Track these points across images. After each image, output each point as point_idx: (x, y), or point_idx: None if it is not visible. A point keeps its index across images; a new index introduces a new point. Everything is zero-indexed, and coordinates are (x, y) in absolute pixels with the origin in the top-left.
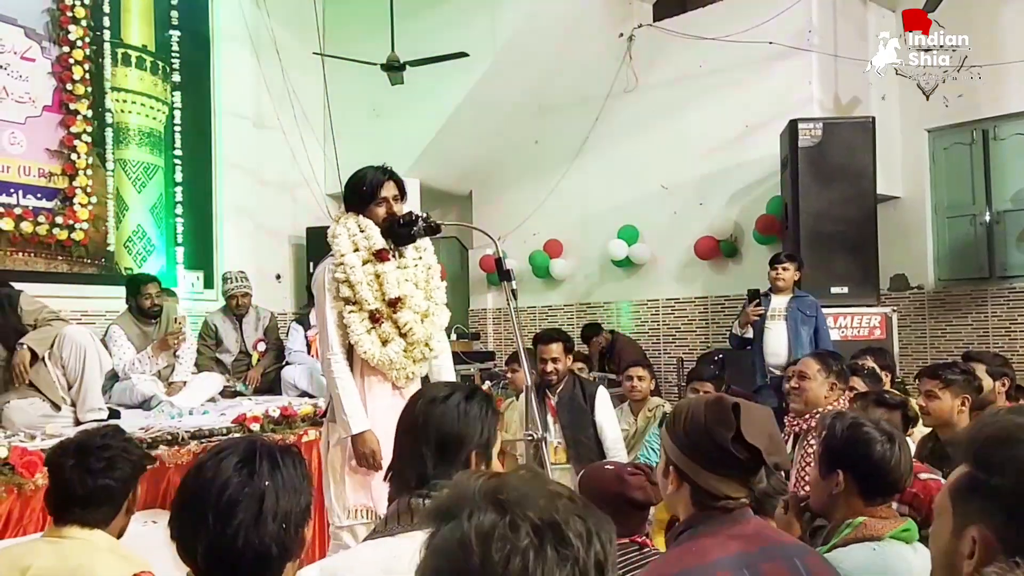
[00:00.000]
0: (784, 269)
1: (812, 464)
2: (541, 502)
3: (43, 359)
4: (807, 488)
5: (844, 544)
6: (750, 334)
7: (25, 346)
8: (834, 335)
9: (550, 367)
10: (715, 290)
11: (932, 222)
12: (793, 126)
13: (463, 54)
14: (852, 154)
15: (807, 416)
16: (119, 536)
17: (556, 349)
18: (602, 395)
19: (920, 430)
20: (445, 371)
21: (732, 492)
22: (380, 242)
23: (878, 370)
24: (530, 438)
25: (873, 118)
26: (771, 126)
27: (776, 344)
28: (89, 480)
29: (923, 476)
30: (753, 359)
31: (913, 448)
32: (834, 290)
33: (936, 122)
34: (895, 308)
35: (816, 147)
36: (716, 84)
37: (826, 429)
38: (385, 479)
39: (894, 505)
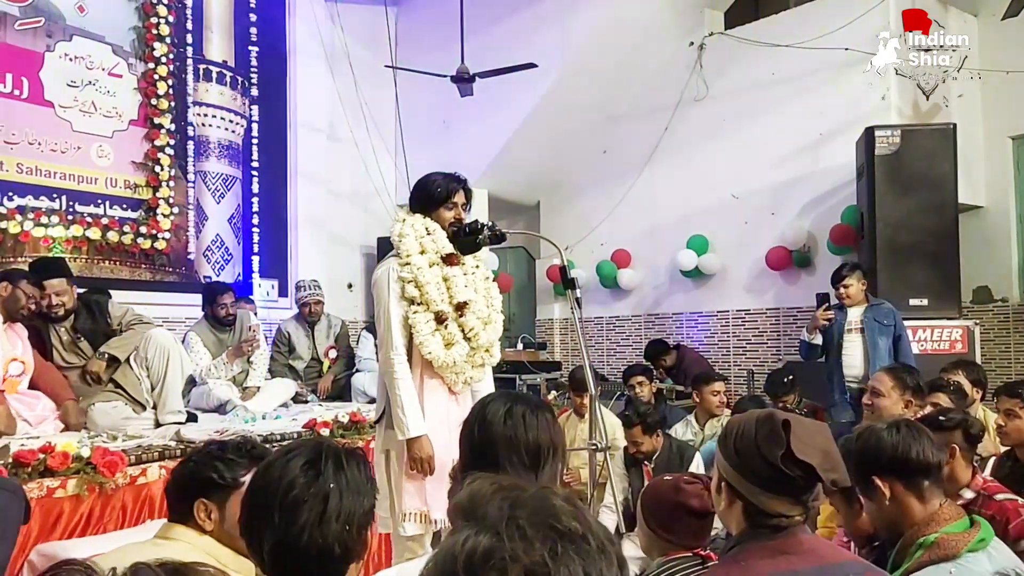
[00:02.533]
0: (845, 286)
1: None
2: (541, 541)
3: (128, 361)
4: None
5: (918, 568)
6: (819, 340)
7: (106, 355)
8: (912, 349)
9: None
10: (787, 301)
11: (1017, 232)
12: (869, 134)
13: (532, 65)
14: (932, 162)
15: None
16: None
17: (637, 432)
18: (697, 460)
19: (988, 446)
20: (486, 384)
21: (784, 510)
22: (448, 246)
23: (968, 385)
24: (594, 447)
25: (954, 125)
26: (846, 134)
27: (853, 357)
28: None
29: (999, 497)
30: (831, 373)
31: (988, 467)
32: (913, 302)
33: (1021, 129)
34: (978, 321)
35: (894, 155)
36: (789, 92)
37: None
38: (456, 483)
39: None
